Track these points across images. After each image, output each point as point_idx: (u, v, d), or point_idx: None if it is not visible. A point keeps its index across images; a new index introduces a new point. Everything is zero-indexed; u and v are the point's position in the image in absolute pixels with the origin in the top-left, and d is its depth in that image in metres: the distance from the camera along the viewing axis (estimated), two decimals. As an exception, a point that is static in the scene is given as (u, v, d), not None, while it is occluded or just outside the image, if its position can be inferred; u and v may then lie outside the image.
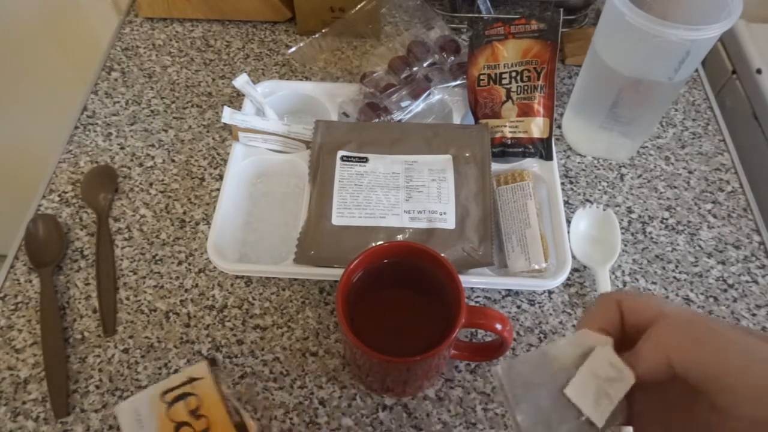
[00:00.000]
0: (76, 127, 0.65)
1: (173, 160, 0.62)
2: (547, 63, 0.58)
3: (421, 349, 0.39)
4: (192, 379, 0.44)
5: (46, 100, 1.03)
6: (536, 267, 0.51)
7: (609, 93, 0.55)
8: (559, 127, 0.65)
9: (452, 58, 0.65)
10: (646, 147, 0.64)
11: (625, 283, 0.54)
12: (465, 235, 0.51)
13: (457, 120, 0.61)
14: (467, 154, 0.56)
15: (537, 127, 0.58)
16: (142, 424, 0.42)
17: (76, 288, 0.53)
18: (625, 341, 0.29)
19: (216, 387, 0.44)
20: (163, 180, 0.60)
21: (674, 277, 0.55)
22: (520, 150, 0.58)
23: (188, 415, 0.42)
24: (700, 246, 0.57)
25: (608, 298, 0.30)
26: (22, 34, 0.95)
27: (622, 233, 0.57)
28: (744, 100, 0.82)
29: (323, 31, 0.71)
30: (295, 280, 0.53)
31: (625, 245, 0.57)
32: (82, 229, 0.56)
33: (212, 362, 0.46)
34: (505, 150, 0.58)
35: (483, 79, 0.60)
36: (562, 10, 0.59)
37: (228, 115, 0.57)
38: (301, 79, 0.70)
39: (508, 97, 0.59)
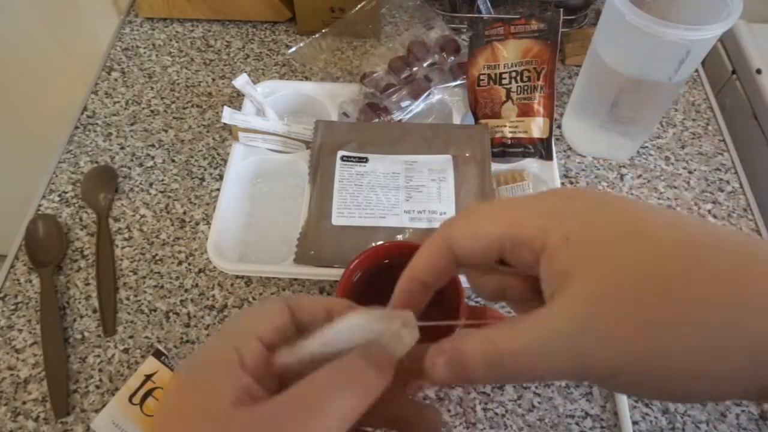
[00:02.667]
0: (76, 127, 0.65)
1: (173, 160, 0.62)
2: (547, 63, 0.58)
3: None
4: (148, 376, 0.46)
5: (46, 100, 1.03)
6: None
7: (609, 93, 0.55)
8: (559, 127, 0.65)
9: (452, 58, 0.65)
10: (646, 147, 0.64)
11: (625, 283, 0.54)
12: (465, 235, 0.51)
13: (457, 120, 0.61)
14: (467, 154, 0.56)
15: (537, 127, 0.58)
16: (123, 429, 0.44)
17: (76, 288, 0.53)
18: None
19: (172, 373, 0.46)
20: (163, 180, 0.60)
21: (674, 277, 0.55)
22: (520, 150, 0.58)
23: None
24: (700, 246, 0.57)
25: (437, 239, 0.24)
26: (22, 34, 0.95)
27: (622, 233, 0.57)
28: (744, 100, 0.82)
29: (323, 31, 0.71)
30: (295, 280, 0.53)
31: (625, 245, 0.56)
32: (82, 229, 0.57)
33: (158, 354, 0.48)
34: (505, 150, 0.58)
35: (483, 79, 0.60)
36: (562, 10, 0.59)
37: (228, 115, 0.57)
38: (301, 79, 0.70)
39: (508, 97, 0.59)
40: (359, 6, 0.70)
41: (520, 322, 0.21)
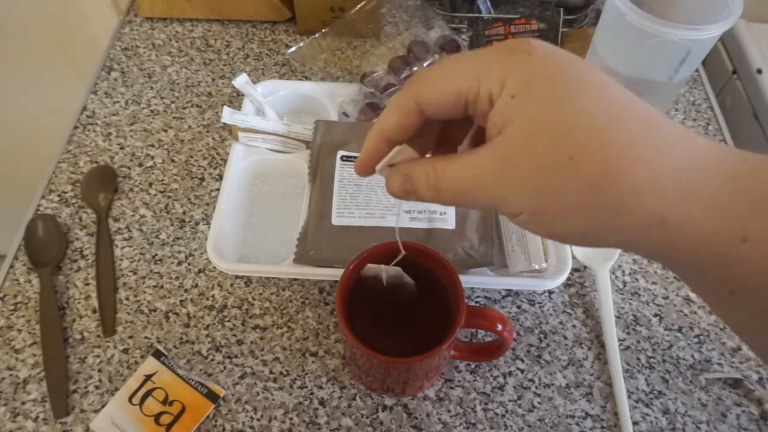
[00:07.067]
0: (76, 127, 0.64)
1: (173, 160, 0.62)
2: (547, 63, 0.58)
3: (421, 349, 0.39)
4: (148, 377, 0.47)
5: (46, 99, 1.03)
6: (536, 267, 0.51)
7: (609, 93, 0.55)
8: (559, 127, 0.65)
9: (452, 58, 0.65)
10: (647, 147, 0.64)
11: (625, 284, 0.54)
12: (465, 235, 0.51)
13: (457, 120, 0.61)
14: (467, 154, 0.56)
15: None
16: (123, 430, 0.45)
17: (76, 288, 0.53)
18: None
19: (172, 373, 0.47)
20: (162, 180, 0.60)
21: (674, 278, 0.55)
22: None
23: (161, 405, 0.46)
24: (700, 246, 0.57)
25: (405, 97, 0.26)
26: (21, 34, 0.95)
27: (623, 233, 0.57)
28: (744, 100, 0.82)
29: (323, 31, 0.71)
30: (295, 280, 0.53)
31: (626, 245, 0.56)
32: (81, 229, 0.56)
33: (157, 354, 0.48)
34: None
35: (483, 79, 0.60)
36: (562, 10, 0.59)
37: (228, 115, 0.57)
38: (301, 79, 0.70)
39: (508, 97, 0.59)
40: (359, 6, 0.70)
41: (459, 158, 0.25)
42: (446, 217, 0.52)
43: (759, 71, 0.80)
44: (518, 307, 0.52)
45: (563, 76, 0.23)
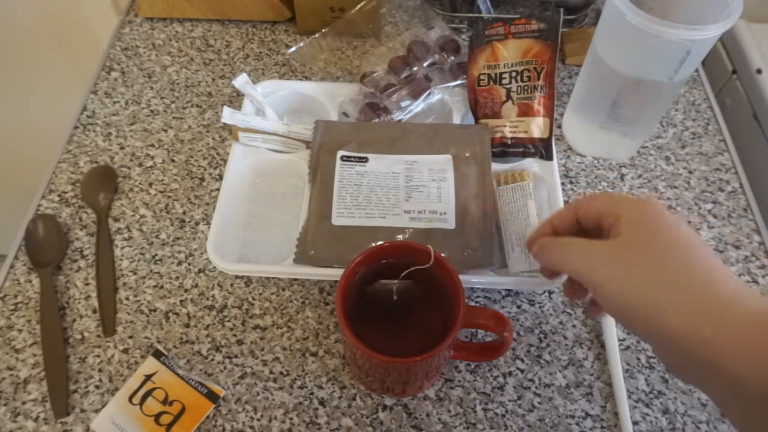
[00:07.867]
0: (76, 127, 0.65)
1: (173, 160, 0.62)
2: (547, 63, 0.58)
3: (421, 349, 0.39)
4: (148, 377, 0.47)
5: (46, 100, 1.03)
6: (536, 267, 0.51)
7: (609, 93, 0.55)
8: (560, 127, 0.65)
9: (452, 58, 0.65)
10: (647, 147, 0.64)
11: (625, 283, 0.54)
12: (465, 235, 0.51)
13: (457, 120, 0.61)
14: (467, 154, 0.56)
15: (537, 127, 0.58)
16: (123, 430, 0.45)
17: (76, 288, 0.53)
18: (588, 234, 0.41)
19: (172, 373, 0.47)
20: (162, 180, 0.60)
21: (674, 277, 0.55)
22: (520, 150, 0.58)
23: (161, 405, 0.46)
24: (700, 246, 0.57)
25: (569, 206, 0.42)
26: (22, 34, 0.95)
27: (622, 233, 0.57)
28: (744, 100, 0.82)
29: (323, 31, 0.71)
30: (295, 280, 0.53)
31: (625, 245, 0.56)
32: (81, 229, 0.56)
33: (157, 354, 0.48)
34: (505, 150, 0.58)
35: (483, 79, 0.60)
36: (562, 10, 0.59)
37: (228, 115, 0.57)
38: (301, 79, 0.70)
39: (508, 97, 0.59)
40: (359, 6, 0.70)
41: (582, 240, 0.38)
42: (446, 217, 0.52)
43: (759, 71, 0.80)
44: (518, 307, 0.52)
45: (667, 217, 0.36)
